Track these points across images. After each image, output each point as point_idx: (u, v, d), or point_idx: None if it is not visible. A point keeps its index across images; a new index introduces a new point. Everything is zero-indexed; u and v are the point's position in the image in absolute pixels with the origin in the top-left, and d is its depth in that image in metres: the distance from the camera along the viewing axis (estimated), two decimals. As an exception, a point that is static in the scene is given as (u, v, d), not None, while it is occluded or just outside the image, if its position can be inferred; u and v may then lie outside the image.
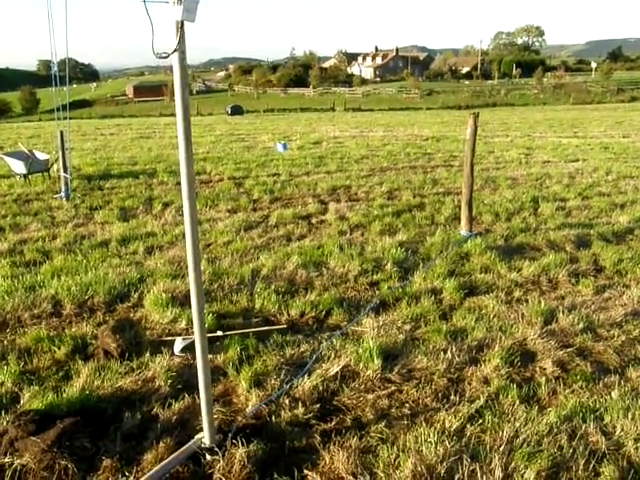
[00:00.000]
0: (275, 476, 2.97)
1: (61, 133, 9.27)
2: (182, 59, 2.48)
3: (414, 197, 9.48)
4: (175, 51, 2.46)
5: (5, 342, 4.40)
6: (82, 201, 9.16)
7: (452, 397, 3.69)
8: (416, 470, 2.97)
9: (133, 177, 11.28)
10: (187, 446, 3.11)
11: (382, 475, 2.96)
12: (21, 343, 4.36)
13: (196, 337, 2.96)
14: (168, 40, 2.50)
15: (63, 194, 9.20)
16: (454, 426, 3.35)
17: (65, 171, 9.18)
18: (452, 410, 3.53)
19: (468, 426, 3.37)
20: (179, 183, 9.38)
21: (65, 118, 8.76)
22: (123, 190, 10.12)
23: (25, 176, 10.56)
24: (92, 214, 8.45)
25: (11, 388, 3.75)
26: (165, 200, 9.29)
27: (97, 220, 8.10)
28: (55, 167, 10.71)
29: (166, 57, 2.49)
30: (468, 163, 6.87)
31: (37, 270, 5.86)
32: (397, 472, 2.97)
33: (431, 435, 3.25)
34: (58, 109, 9.19)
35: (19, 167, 10.61)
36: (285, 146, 15.97)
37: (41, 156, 11.26)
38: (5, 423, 3.32)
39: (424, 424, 3.39)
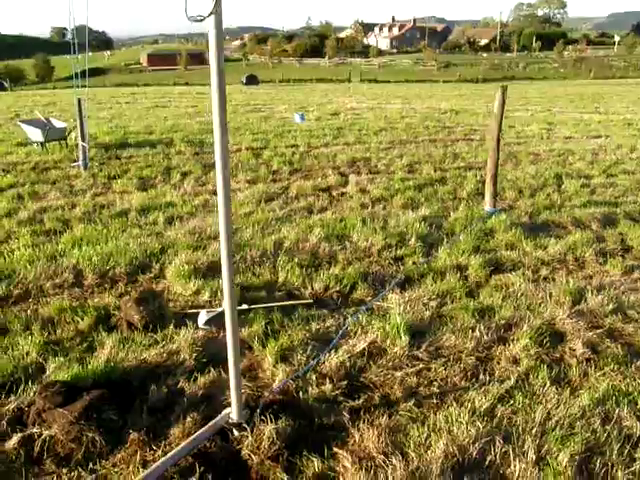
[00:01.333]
0: (304, 453, 2.93)
1: (79, 101, 9.16)
2: (218, 22, 2.36)
3: (435, 171, 9.33)
4: (211, 14, 2.34)
5: (28, 312, 4.37)
6: (100, 170, 9.10)
7: (481, 376, 3.62)
8: (447, 450, 2.92)
9: (150, 146, 11.20)
10: (215, 421, 3.07)
11: (413, 455, 2.91)
12: (44, 313, 4.33)
13: (226, 309, 2.88)
14: (201, 3, 2.39)
15: (81, 163, 9.15)
16: (484, 406, 3.29)
17: (83, 140, 9.11)
18: (482, 390, 3.46)
19: (499, 406, 3.30)
20: (197, 153, 9.37)
21: (84, 86, 8.67)
22: (141, 159, 10.05)
23: (42, 144, 10.51)
24: (110, 183, 8.39)
25: (36, 358, 3.73)
26: (183, 170, 9.21)
27: (116, 189, 8.04)
28: (73, 135, 10.64)
29: (201, 20, 2.37)
30: (494, 137, 6.70)
31: (57, 239, 5.82)
32: (428, 452, 2.92)
33: (462, 415, 3.19)
34: (76, 76, 9.10)
35: (36, 135, 10.55)
36: (302, 117, 15.80)
37: (58, 124, 11.19)
38: (32, 394, 3.30)
39: (454, 403, 3.33)
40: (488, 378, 3.60)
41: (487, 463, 2.88)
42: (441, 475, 2.78)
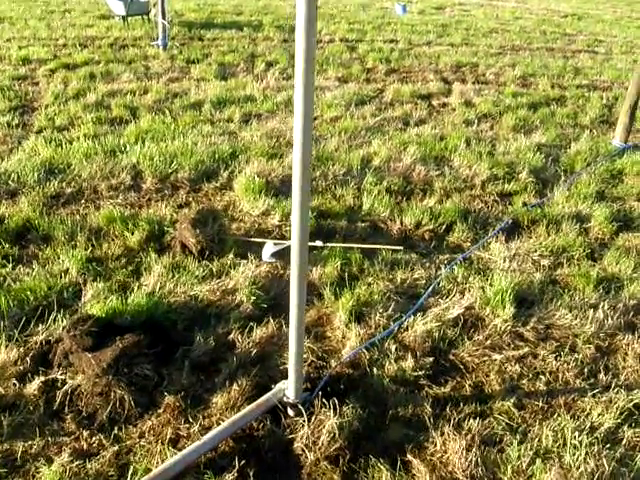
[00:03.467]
0: (371, 458, 2.33)
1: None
2: None
3: (552, 87, 8.05)
4: None
5: (77, 217, 3.88)
6: (180, 52, 8.37)
7: (601, 376, 2.85)
8: None
9: (237, 28, 10.31)
10: (266, 397, 2.49)
11: None
12: (92, 222, 3.81)
13: (293, 251, 2.10)
14: None
15: (160, 42, 8.44)
16: (606, 425, 2.54)
17: (163, 17, 8.33)
18: (603, 398, 2.70)
19: (625, 429, 2.53)
20: (285, 40, 8.31)
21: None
22: (225, 43, 9.23)
23: (124, 18, 9.82)
24: (189, 68, 7.68)
25: (75, 278, 3.24)
26: (269, 59, 8.35)
27: (193, 75, 7.34)
28: (153, 11, 9.87)
29: None
30: (644, 57, 5.45)
31: (121, 131, 5.25)
32: None
33: (577, 435, 2.47)
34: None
35: (118, 8, 9.85)
36: (405, 9, 14.28)
37: (142, -4, 10.42)
38: (61, 329, 2.81)
39: (565, 413, 2.60)
40: (611, 380, 2.82)
41: (609, 514, 2.20)
42: (546, 524, 2.12)
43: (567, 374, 2.86)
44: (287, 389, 2.50)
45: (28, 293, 3.05)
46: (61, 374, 2.63)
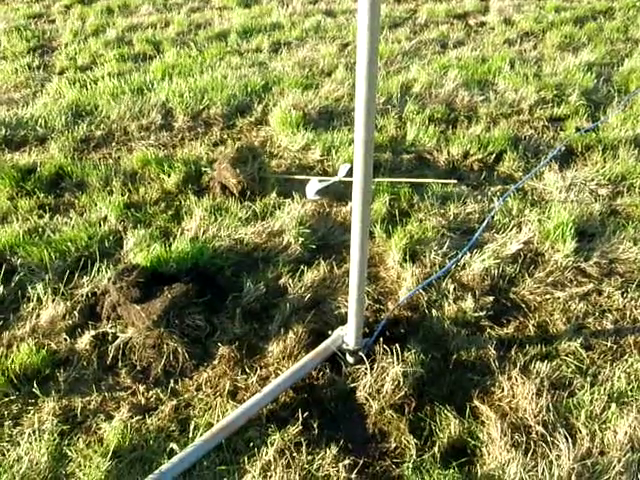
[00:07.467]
0: (437, 405, 2.23)
1: None
2: None
3: (598, -1, 7.49)
4: None
5: (110, 161, 3.73)
6: (199, -22, 7.94)
7: (674, 311, 2.69)
8: (634, 435, 2.10)
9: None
10: (325, 345, 2.38)
11: (585, 434, 2.11)
12: (126, 165, 3.66)
13: (356, 189, 1.90)
14: None
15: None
16: (684, 365, 2.40)
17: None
18: (677, 336, 2.55)
19: None
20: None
21: None
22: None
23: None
24: (209, -4, 7.29)
25: (115, 226, 3.12)
26: (292, -18, 7.88)
27: (214, 4, 6.94)
28: None
29: None
30: None
31: (146, 67, 5.00)
32: (606, 434, 2.11)
33: (653, 375, 2.33)
34: None
35: None
36: None
37: None
38: (107, 280, 2.71)
39: (636, 353, 2.46)
40: (685, 314, 2.67)
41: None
42: (625, 472, 2.00)
43: (635, 312, 2.69)
44: (346, 335, 2.38)
45: (69, 244, 2.95)
46: (111, 327, 2.55)
